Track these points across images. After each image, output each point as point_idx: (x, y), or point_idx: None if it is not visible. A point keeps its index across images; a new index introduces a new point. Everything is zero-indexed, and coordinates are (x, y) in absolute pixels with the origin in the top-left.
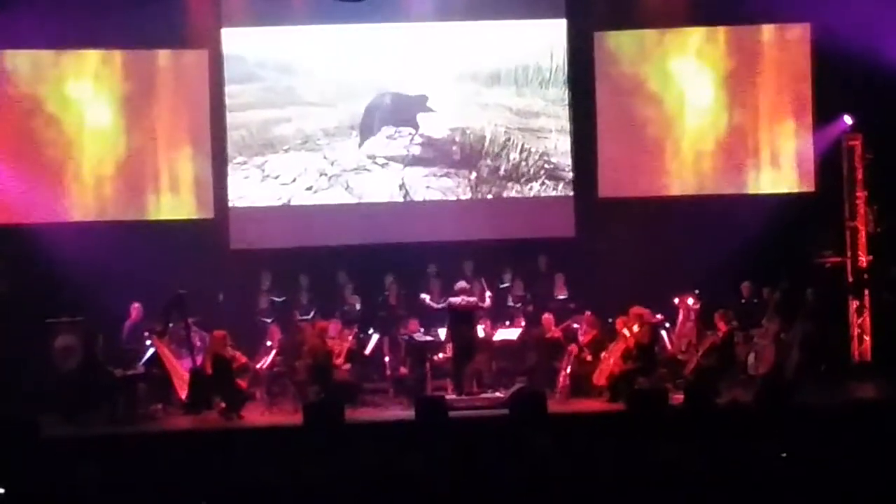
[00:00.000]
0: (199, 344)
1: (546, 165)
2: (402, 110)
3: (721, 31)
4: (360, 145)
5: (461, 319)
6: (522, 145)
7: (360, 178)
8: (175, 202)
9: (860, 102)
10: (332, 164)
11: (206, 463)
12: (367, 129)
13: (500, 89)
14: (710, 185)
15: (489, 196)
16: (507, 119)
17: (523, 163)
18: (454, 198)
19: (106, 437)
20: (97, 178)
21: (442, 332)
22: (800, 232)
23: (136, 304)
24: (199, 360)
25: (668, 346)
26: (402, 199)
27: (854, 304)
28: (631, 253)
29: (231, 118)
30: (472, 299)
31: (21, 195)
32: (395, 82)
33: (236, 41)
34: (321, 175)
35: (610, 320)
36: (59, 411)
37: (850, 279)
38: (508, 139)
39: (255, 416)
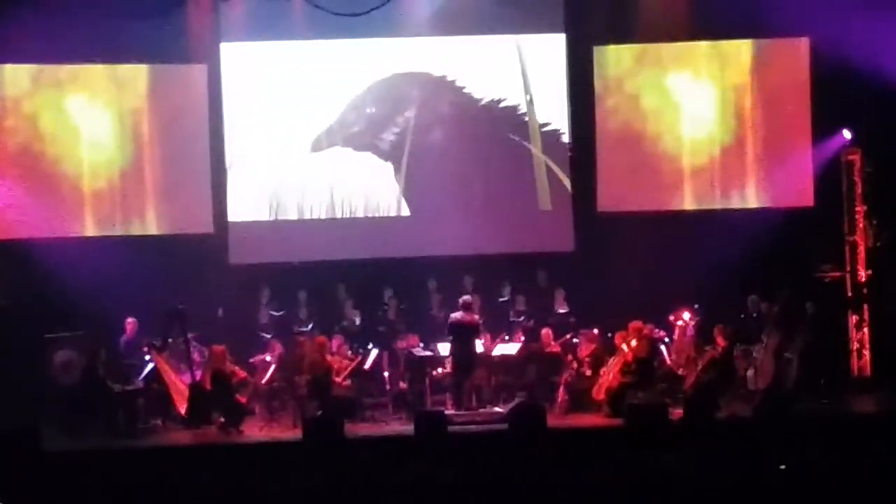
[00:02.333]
0: (198, 359)
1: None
2: (394, 121)
3: (720, 45)
4: (348, 149)
5: (461, 334)
6: (546, 166)
7: (357, 195)
8: (174, 217)
9: (859, 117)
10: (327, 179)
11: (205, 477)
12: (356, 136)
13: (502, 104)
14: (708, 200)
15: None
16: (515, 137)
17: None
18: (454, 211)
19: (106, 451)
20: (96, 193)
21: (441, 347)
22: (799, 246)
23: (131, 319)
24: (198, 374)
25: (668, 360)
26: (401, 213)
27: (853, 318)
28: (630, 267)
29: (229, 133)
30: (474, 316)
31: (20, 210)
32: (393, 95)
33: (235, 56)
34: (315, 191)
35: (609, 335)
36: (59, 425)
37: (850, 293)
38: (525, 161)
39: (255, 430)
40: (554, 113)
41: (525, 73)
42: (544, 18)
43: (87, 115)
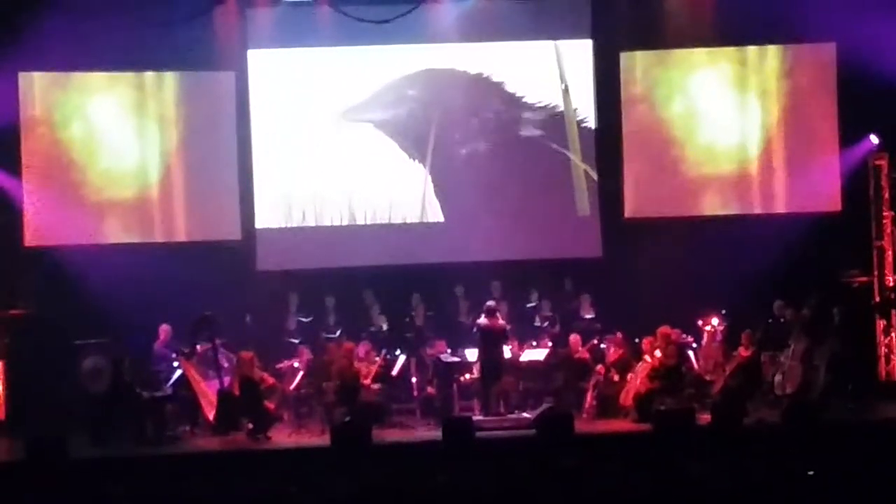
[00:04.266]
0: (226, 365)
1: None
2: (420, 125)
3: (747, 51)
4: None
5: (489, 340)
6: (584, 172)
7: (384, 202)
8: (202, 224)
9: (887, 121)
10: (354, 186)
11: (233, 484)
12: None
13: (526, 110)
14: (735, 205)
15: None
16: (552, 143)
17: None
18: (483, 217)
19: (134, 458)
20: (124, 201)
21: (469, 353)
22: (826, 251)
23: (165, 326)
24: (226, 381)
25: (695, 366)
26: (429, 220)
27: (881, 323)
28: (657, 273)
29: (257, 140)
30: (500, 321)
31: (49, 218)
32: (420, 102)
33: (263, 63)
34: (342, 198)
35: (637, 340)
36: (87, 433)
37: (877, 299)
38: (562, 166)
39: (283, 437)
40: (582, 118)
41: (563, 75)
42: (571, 24)
43: (116, 123)
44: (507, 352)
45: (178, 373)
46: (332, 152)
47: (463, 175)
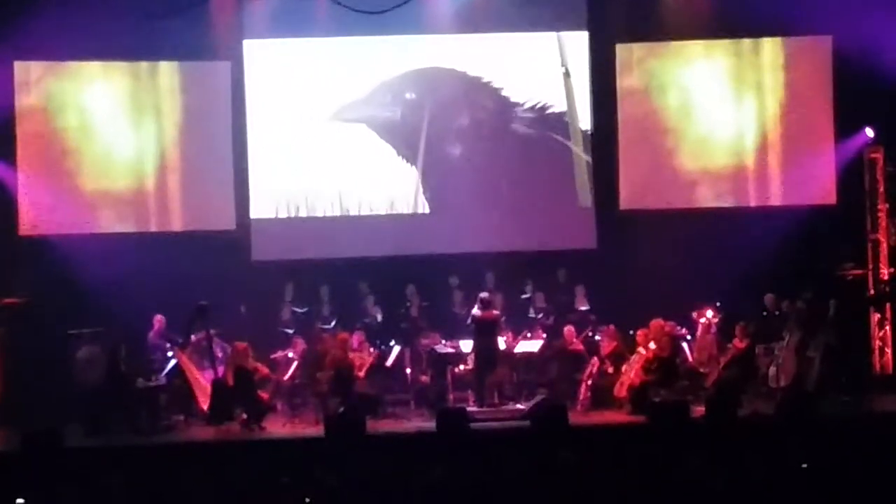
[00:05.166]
0: (220, 355)
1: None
2: (415, 117)
3: (743, 44)
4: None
5: (483, 331)
6: (586, 162)
7: (379, 193)
8: (197, 214)
9: (882, 115)
10: (350, 176)
11: (227, 474)
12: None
13: (524, 102)
14: (731, 197)
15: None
16: (541, 133)
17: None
18: (478, 208)
19: (128, 447)
20: (119, 190)
21: (463, 344)
22: (821, 244)
23: (159, 316)
24: (220, 371)
25: (690, 358)
26: (424, 211)
27: (875, 316)
28: (652, 265)
29: (252, 129)
30: (494, 312)
31: (44, 207)
32: (416, 100)
33: (258, 53)
34: (337, 188)
35: (631, 332)
36: (82, 422)
37: (872, 291)
38: (562, 157)
39: (277, 427)
40: (580, 109)
41: (548, 70)
42: (567, 16)
43: (111, 113)
44: (501, 343)
45: (173, 362)
46: (327, 143)
47: (458, 167)
